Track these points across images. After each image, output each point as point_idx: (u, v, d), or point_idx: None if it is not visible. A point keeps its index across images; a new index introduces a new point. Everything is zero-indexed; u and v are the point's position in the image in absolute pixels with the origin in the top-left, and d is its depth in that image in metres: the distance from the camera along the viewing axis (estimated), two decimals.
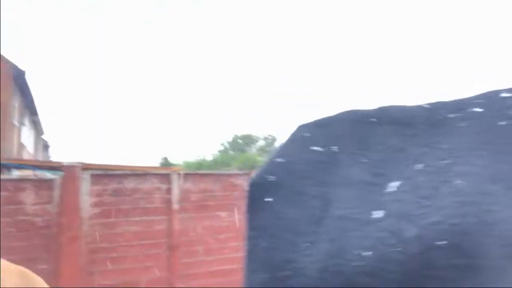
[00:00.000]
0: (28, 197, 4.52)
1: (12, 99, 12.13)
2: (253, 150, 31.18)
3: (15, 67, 11.89)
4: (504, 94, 0.38)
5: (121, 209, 4.93)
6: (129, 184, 5.03)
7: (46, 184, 4.66)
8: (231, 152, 30.78)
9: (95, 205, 4.83)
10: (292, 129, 0.45)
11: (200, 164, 24.47)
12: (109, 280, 4.75)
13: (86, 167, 5.03)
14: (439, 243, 0.29)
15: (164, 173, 5.44)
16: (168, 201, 5.18)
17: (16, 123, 12.72)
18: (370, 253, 0.30)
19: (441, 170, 0.33)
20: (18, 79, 12.19)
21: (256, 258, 0.38)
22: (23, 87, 12.82)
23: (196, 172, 5.74)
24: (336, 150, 0.40)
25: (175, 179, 5.23)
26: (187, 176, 5.41)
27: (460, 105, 0.39)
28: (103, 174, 5.00)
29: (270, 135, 32.58)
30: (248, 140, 32.37)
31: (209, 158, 28.86)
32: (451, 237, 0.28)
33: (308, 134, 0.42)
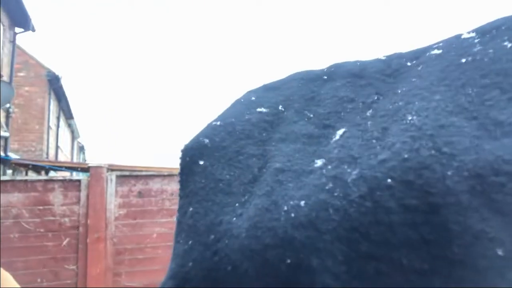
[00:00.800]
0: (57, 197, 4.59)
1: (49, 104, 12.57)
2: None
3: (51, 72, 12.32)
4: (465, 35, 0.35)
5: (147, 210, 4.94)
6: (155, 185, 5.03)
7: (74, 185, 4.72)
8: None
9: (121, 206, 4.85)
10: None
11: None
12: (135, 281, 4.75)
13: (112, 168, 5.07)
14: (387, 181, 0.25)
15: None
16: None
17: (53, 126, 13.18)
18: (303, 202, 0.27)
19: (393, 112, 0.30)
20: (54, 84, 12.63)
21: (183, 227, 0.35)
22: (59, 91, 13.28)
23: None
24: (282, 109, 0.38)
25: None
26: None
27: (418, 53, 0.37)
28: (129, 175, 5.02)
29: None
30: None
31: None
32: (401, 173, 0.25)
33: (254, 98, 0.40)
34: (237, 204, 0.32)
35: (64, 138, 15.92)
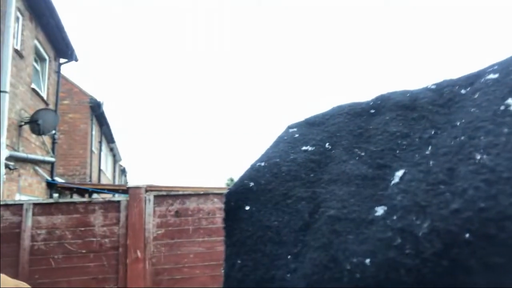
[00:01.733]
0: (97, 218, 4.71)
1: (91, 129, 13.14)
2: None
3: (93, 99, 12.91)
4: None
5: (184, 230, 4.96)
6: (191, 204, 5.06)
7: (113, 206, 4.83)
8: None
9: (159, 225, 4.90)
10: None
11: None
12: None
13: (150, 189, 5.16)
14: (465, 236, 0.22)
15: (224, 192, 5.39)
16: None
17: (95, 151, 13.72)
18: (369, 260, 0.24)
19: (456, 149, 0.27)
20: (96, 110, 13.21)
21: (232, 283, 0.32)
22: (101, 117, 13.86)
23: None
24: (329, 147, 0.35)
25: None
26: None
27: (471, 79, 0.33)
28: (166, 195, 5.08)
29: None
30: None
31: None
32: (481, 226, 0.22)
33: (298, 135, 0.38)
34: (289, 257, 0.29)
35: (106, 162, 16.52)
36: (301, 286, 0.26)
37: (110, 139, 16.63)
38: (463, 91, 0.33)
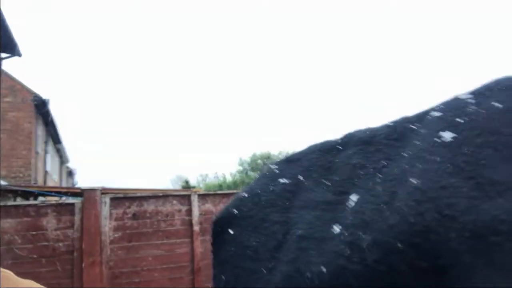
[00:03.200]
0: (50, 222, 4.52)
1: (36, 129, 12.44)
2: None
3: (37, 96, 12.24)
4: (462, 97, 0.38)
5: (142, 232, 4.88)
6: (150, 206, 4.99)
7: (67, 209, 4.66)
8: (250, 173, 30.73)
9: (116, 229, 4.79)
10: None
11: (220, 186, 24.46)
12: None
13: (105, 191, 5.02)
14: (398, 246, 0.27)
15: (183, 194, 5.37)
16: (189, 223, 5.10)
17: (40, 151, 13.01)
18: (325, 268, 0.29)
19: (400, 176, 0.32)
20: (41, 108, 12.54)
21: None
22: (47, 115, 13.17)
23: (216, 192, 5.66)
24: (302, 179, 0.40)
25: (194, 200, 5.16)
26: (206, 196, 5.33)
27: (421, 115, 0.39)
28: (123, 197, 4.97)
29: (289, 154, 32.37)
30: (268, 160, 32.29)
31: (229, 179, 28.85)
32: (410, 237, 0.27)
33: (278, 170, 0.43)
34: (264, 271, 0.33)
35: (53, 163, 15.69)
36: None
37: (56, 140, 15.83)
38: (413, 127, 0.38)
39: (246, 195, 0.41)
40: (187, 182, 26.92)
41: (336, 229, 0.32)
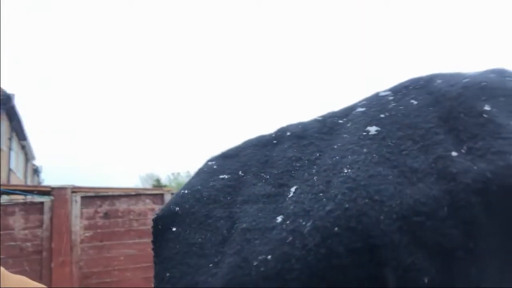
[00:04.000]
0: (17, 221, 4.39)
1: (0, 124, 11.96)
2: None
3: (2, 91, 11.77)
4: (382, 93, 0.41)
5: (113, 232, 4.81)
6: (122, 205, 4.92)
7: (36, 208, 4.54)
8: None
9: (87, 228, 4.70)
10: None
11: None
12: None
13: (76, 190, 4.92)
14: (335, 229, 0.29)
15: (157, 193, 5.33)
16: None
17: (4, 148, 12.52)
18: (270, 256, 0.30)
19: (332, 166, 0.35)
20: (6, 103, 12.06)
21: None
22: (11, 111, 12.68)
23: None
24: (242, 174, 0.41)
25: (168, 199, 5.13)
26: None
27: (347, 111, 0.42)
28: (95, 196, 4.89)
29: None
30: None
31: None
32: (346, 221, 0.29)
33: (216, 166, 0.44)
34: (211, 265, 0.34)
35: (17, 161, 15.12)
36: (219, 285, 0.31)
37: (21, 136, 15.26)
38: (340, 121, 0.41)
39: (186, 191, 0.41)
40: (158, 180, 26.54)
41: (279, 219, 0.33)
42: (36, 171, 21.96)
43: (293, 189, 0.36)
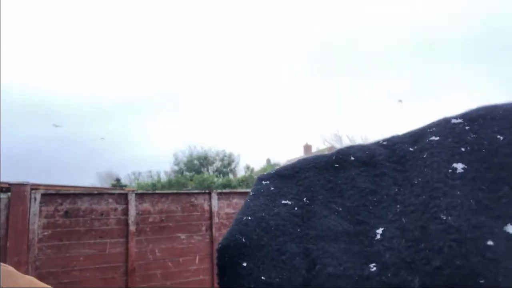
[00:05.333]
0: None
1: None
2: (209, 171, 30.91)
3: None
4: (454, 121, 0.38)
5: (74, 231, 4.68)
6: (83, 204, 4.80)
7: None
8: (186, 173, 30.30)
9: (46, 226, 4.55)
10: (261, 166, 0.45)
11: (155, 186, 23.83)
12: None
13: (35, 187, 4.75)
14: None
15: (120, 192, 5.24)
16: (125, 223, 4.98)
17: None
18: None
19: (422, 208, 0.32)
20: None
21: None
22: None
23: (154, 191, 5.58)
24: (307, 201, 0.38)
25: (131, 199, 5.06)
26: (144, 196, 5.25)
27: (415, 137, 0.39)
28: (55, 194, 4.73)
29: (226, 156, 32.51)
30: (205, 160, 32.08)
31: (163, 179, 28.21)
32: (460, 282, 0.26)
33: (273, 187, 0.41)
34: None
35: None
36: None
37: None
38: (411, 149, 0.38)
39: (250, 218, 0.38)
40: (118, 180, 25.85)
41: (372, 267, 0.30)
42: None
43: (379, 231, 0.32)
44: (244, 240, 0.36)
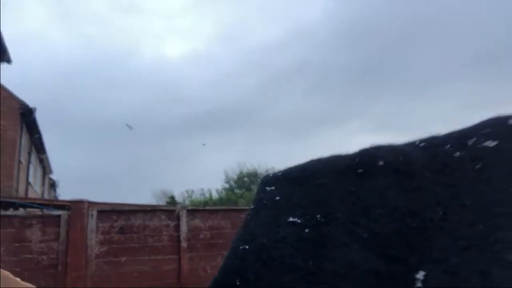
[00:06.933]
0: (34, 234, 4.40)
1: (20, 138, 12.21)
2: None
3: (23, 104, 12.05)
4: None
5: (128, 247, 4.78)
6: (137, 220, 4.90)
7: (53, 221, 4.54)
8: (237, 190, 30.57)
9: (102, 242, 4.68)
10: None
11: (207, 203, 24.22)
12: None
13: (92, 205, 4.93)
14: None
15: (172, 209, 5.31)
16: (177, 239, 5.02)
17: (23, 161, 12.74)
18: None
19: (480, 243, 0.24)
20: (27, 116, 12.33)
21: None
22: (32, 124, 12.95)
23: (205, 208, 5.60)
24: (322, 220, 0.29)
25: (183, 215, 5.10)
26: (195, 212, 5.28)
27: (463, 139, 0.30)
28: (111, 211, 4.88)
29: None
30: (254, 177, 32.20)
31: (215, 196, 28.65)
32: None
33: (279, 197, 0.32)
34: None
35: (35, 174, 15.37)
36: None
37: (40, 150, 15.54)
38: (456, 155, 0.30)
39: (247, 247, 0.30)
40: (172, 198, 26.59)
41: None
42: (53, 185, 22.26)
43: (420, 276, 0.24)
44: (238, 283, 0.28)
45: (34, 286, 0.69)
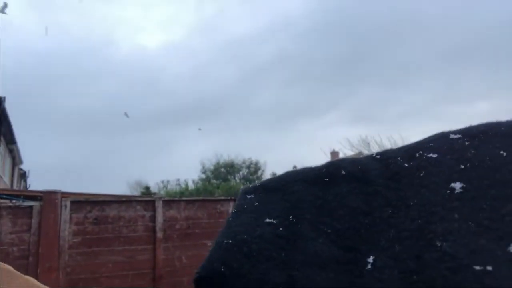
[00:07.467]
0: (5, 225, 4.30)
1: None
2: (236, 179, 31.06)
3: None
4: (452, 136, 0.36)
5: (102, 238, 4.74)
6: (112, 211, 4.87)
7: (24, 211, 4.46)
8: (213, 181, 30.53)
9: (76, 233, 4.63)
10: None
11: (183, 194, 24.11)
12: None
13: (66, 195, 4.86)
14: None
15: (147, 199, 5.29)
16: (152, 229, 5.02)
17: None
18: None
19: (417, 233, 0.29)
20: None
21: None
22: (1, 114, 12.52)
23: (180, 198, 5.61)
24: (293, 220, 0.35)
25: (159, 206, 5.09)
26: (171, 202, 5.28)
27: (411, 152, 0.37)
28: (85, 201, 4.82)
29: (252, 164, 32.56)
30: (231, 167, 32.24)
31: (191, 187, 28.54)
32: None
33: (257, 203, 0.38)
34: None
35: (4, 165, 14.89)
36: None
37: (10, 140, 15.06)
38: (406, 165, 0.35)
39: (230, 241, 0.35)
40: (147, 188, 26.34)
41: None
42: (23, 176, 21.63)
43: (370, 260, 0.30)
44: (223, 269, 0.33)
45: (36, 280, 0.70)
